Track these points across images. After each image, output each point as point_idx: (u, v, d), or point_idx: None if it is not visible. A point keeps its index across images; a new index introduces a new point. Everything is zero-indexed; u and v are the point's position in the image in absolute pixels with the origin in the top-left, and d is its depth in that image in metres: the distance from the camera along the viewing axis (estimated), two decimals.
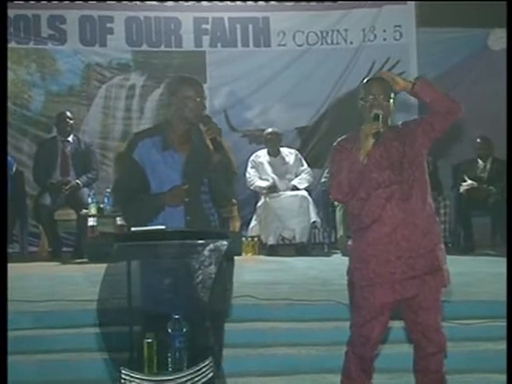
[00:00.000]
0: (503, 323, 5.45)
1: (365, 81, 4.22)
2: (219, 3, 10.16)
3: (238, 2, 10.22)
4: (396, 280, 3.98)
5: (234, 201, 9.43)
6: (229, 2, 10.19)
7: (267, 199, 9.14)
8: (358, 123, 4.12)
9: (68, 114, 9.30)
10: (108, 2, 10.01)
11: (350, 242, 4.30)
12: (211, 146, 4.24)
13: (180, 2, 10.14)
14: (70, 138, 9.23)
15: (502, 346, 5.29)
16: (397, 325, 4.66)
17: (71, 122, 9.28)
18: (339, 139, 4.23)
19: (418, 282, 3.99)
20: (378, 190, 4.01)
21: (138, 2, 10.05)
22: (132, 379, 3.65)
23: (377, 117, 4.01)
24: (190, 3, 10.15)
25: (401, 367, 4.72)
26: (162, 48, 10.14)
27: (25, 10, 9.69)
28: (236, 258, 4.60)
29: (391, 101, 4.09)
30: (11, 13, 9.10)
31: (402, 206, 4.00)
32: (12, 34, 9.43)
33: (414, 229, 4.00)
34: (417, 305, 4.05)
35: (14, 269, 6.17)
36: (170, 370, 3.71)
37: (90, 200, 8.72)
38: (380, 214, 4.01)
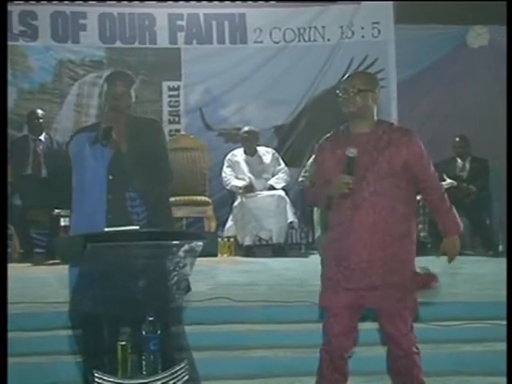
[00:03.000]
0: (483, 324, 5.48)
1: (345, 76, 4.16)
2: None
3: None
4: (329, 287, 4.00)
5: (209, 200, 9.42)
6: None
7: (243, 199, 9.07)
8: (340, 120, 4.07)
9: (39, 112, 9.19)
10: None
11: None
12: (104, 135, 4.19)
13: None
14: (42, 137, 9.12)
15: (483, 347, 5.35)
16: (373, 326, 4.60)
17: (42, 120, 9.16)
18: (322, 139, 4.18)
19: (351, 296, 3.96)
20: None
21: None
22: (105, 382, 3.61)
23: (350, 161, 3.90)
24: None
25: (379, 369, 4.65)
26: (136, 45, 10.06)
27: None
28: (212, 259, 4.52)
29: (368, 96, 3.99)
30: None
31: (350, 215, 3.95)
32: None
33: (358, 240, 3.94)
34: (378, 312, 4.06)
35: None
36: (144, 373, 3.69)
37: None
38: (332, 220, 4.05)
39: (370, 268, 3.93)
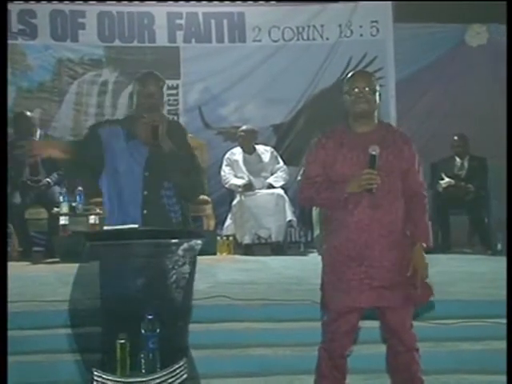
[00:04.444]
0: (482, 323, 5.49)
1: (349, 74, 4.14)
2: None
3: None
4: (353, 287, 3.96)
5: (208, 199, 9.43)
6: None
7: (243, 197, 9.09)
8: (339, 118, 4.05)
9: (27, 113, 9.14)
10: None
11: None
12: (151, 134, 4.20)
13: None
14: (37, 136, 9.05)
15: (481, 345, 5.35)
16: (373, 325, 4.61)
17: (32, 120, 9.10)
18: (320, 135, 4.15)
19: (375, 295, 3.96)
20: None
21: None
22: (104, 381, 3.62)
23: (373, 158, 3.89)
24: None
25: (377, 368, 4.68)
26: (135, 43, 10.08)
27: None
28: (211, 257, 4.53)
29: (377, 94, 4.00)
30: None
31: (370, 213, 3.94)
32: None
33: (379, 239, 3.95)
34: (386, 308, 4.04)
35: None
36: (143, 371, 3.68)
37: (61, 198, 8.61)
38: (347, 219, 3.97)
39: (391, 266, 3.95)
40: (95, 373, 3.60)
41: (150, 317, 3.64)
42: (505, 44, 8.62)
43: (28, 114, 9.16)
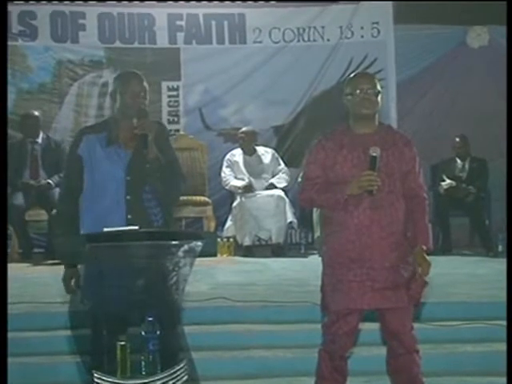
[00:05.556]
0: (482, 325, 5.48)
1: (351, 75, 4.13)
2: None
3: None
4: (354, 288, 3.95)
5: (208, 200, 9.43)
6: None
7: (243, 199, 9.08)
8: (340, 120, 4.04)
9: (35, 113, 9.14)
10: None
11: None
12: (139, 143, 4.14)
13: None
14: (40, 138, 9.05)
15: (482, 348, 5.35)
16: (374, 327, 4.60)
17: (39, 121, 9.10)
18: (321, 137, 4.15)
19: (379, 296, 3.95)
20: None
21: None
22: (104, 383, 3.58)
23: (373, 160, 3.88)
24: None
25: (378, 369, 4.64)
26: (136, 45, 10.06)
27: None
28: (211, 259, 4.50)
29: (379, 96, 3.99)
30: None
31: (370, 215, 3.93)
32: None
33: (379, 240, 3.94)
34: (386, 309, 4.02)
35: None
36: (143, 373, 3.66)
37: None
38: (347, 221, 3.96)
39: (392, 267, 3.94)
40: (95, 375, 3.60)
41: (150, 319, 3.64)
42: (506, 45, 8.62)
43: (36, 113, 9.16)
